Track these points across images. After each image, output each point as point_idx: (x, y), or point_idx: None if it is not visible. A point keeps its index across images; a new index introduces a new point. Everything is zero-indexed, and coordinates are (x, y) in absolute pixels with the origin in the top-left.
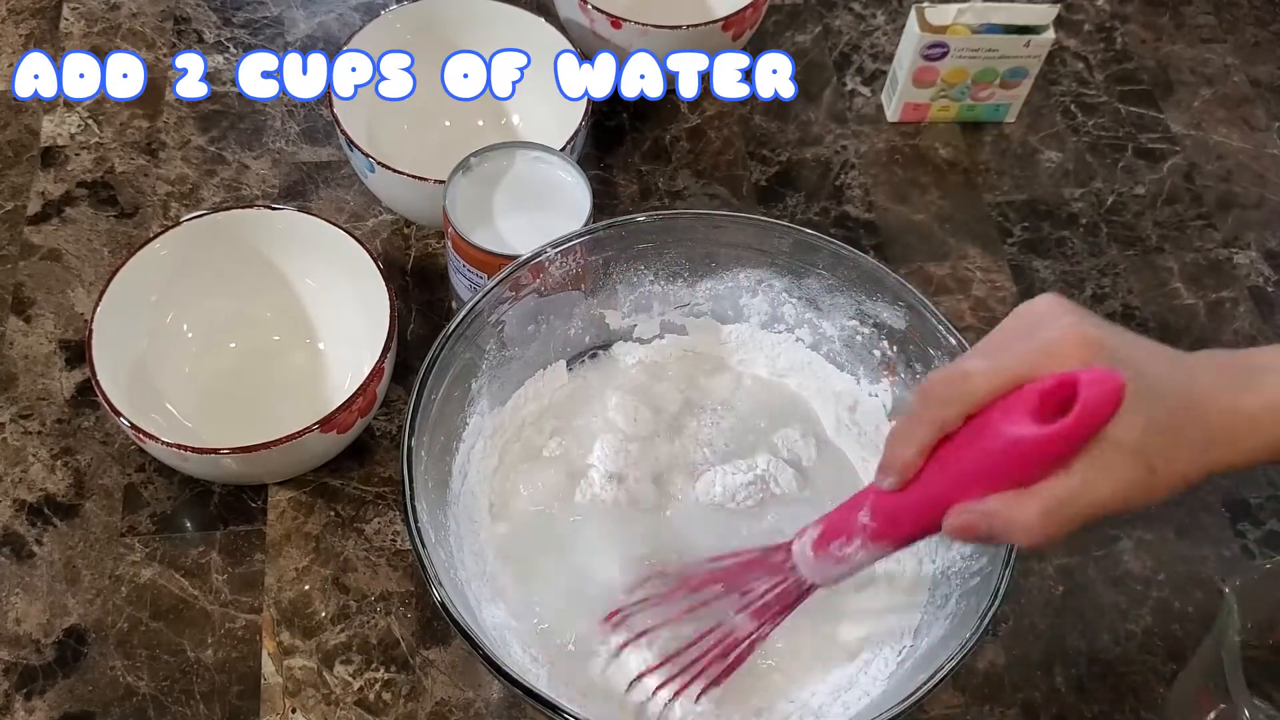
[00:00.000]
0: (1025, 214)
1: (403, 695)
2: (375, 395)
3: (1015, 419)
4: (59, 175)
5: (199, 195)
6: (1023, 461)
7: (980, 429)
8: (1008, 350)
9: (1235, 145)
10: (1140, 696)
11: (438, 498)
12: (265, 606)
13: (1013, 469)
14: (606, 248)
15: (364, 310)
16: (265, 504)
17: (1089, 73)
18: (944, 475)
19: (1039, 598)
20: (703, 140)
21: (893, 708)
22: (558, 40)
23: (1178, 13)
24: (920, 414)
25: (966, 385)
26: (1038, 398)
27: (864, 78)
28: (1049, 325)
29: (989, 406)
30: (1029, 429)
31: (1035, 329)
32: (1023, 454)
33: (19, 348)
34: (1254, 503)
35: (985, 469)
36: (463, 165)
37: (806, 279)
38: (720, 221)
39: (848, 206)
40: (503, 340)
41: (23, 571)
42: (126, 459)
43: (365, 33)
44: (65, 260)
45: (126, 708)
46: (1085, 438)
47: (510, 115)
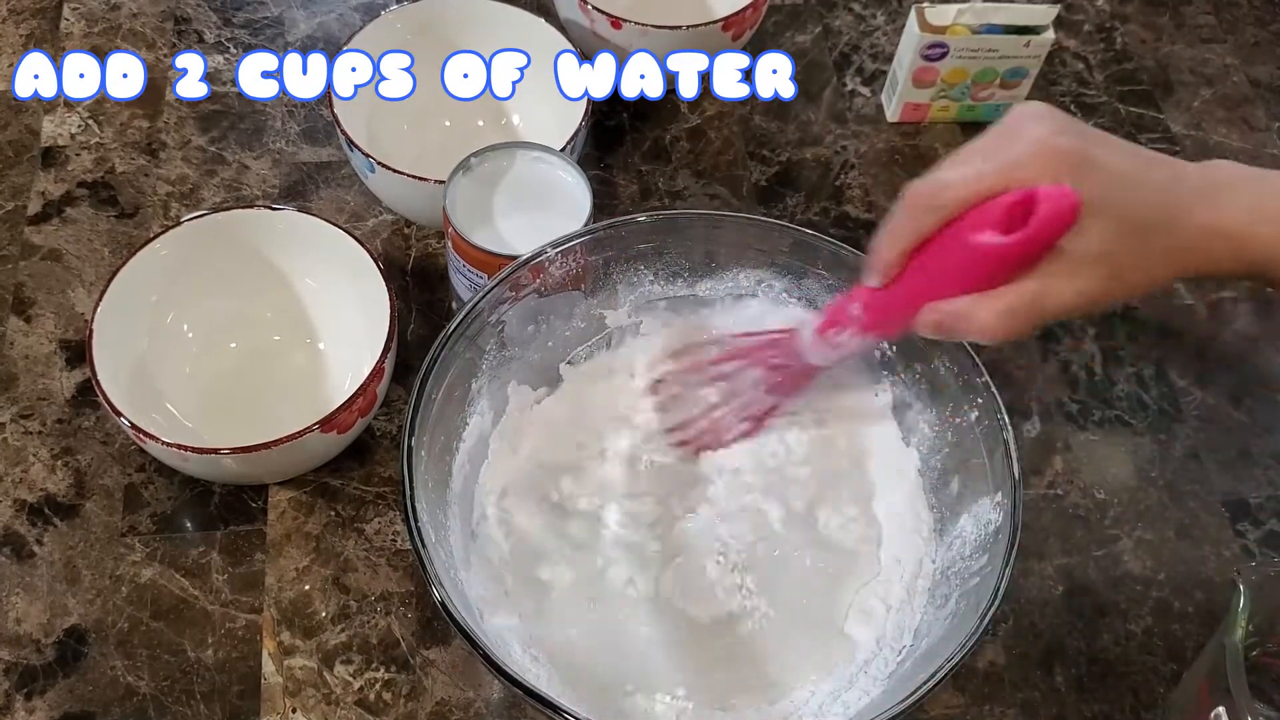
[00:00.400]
0: None
1: (403, 695)
2: (375, 395)
3: (982, 229)
4: (59, 175)
5: (199, 195)
6: (988, 267)
7: (953, 235)
8: (986, 160)
9: (1235, 145)
10: (1140, 696)
11: (438, 498)
12: (265, 606)
13: (979, 273)
14: (606, 248)
15: (364, 310)
16: (265, 504)
17: (1089, 73)
18: (922, 276)
19: (1039, 598)
20: (703, 140)
21: (892, 707)
22: (558, 40)
23: (1178, 13)
24: (902, 219)
25: (943, 195)
26: (1003, 210)
27: (864, 78)
28: (1027, 136)
29: (964, 214)
30: (992, 238)
31: (1015, 139)
32: (987, 260)
33: (19, 348)
34: (1254, 503)
35: (957, 272)
36: (462, 165)
37: (806, 279)
38: (720, 221)
39: (848, 206)
40: (503, 340)
41: (23, 571)
42: (127, 459)
43: (365, 33)
44: (66, 260)
45: (126, 708)
46: (1042, 248)
47: (510, 115)
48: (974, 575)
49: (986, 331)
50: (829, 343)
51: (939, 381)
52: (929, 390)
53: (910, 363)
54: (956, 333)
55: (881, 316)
